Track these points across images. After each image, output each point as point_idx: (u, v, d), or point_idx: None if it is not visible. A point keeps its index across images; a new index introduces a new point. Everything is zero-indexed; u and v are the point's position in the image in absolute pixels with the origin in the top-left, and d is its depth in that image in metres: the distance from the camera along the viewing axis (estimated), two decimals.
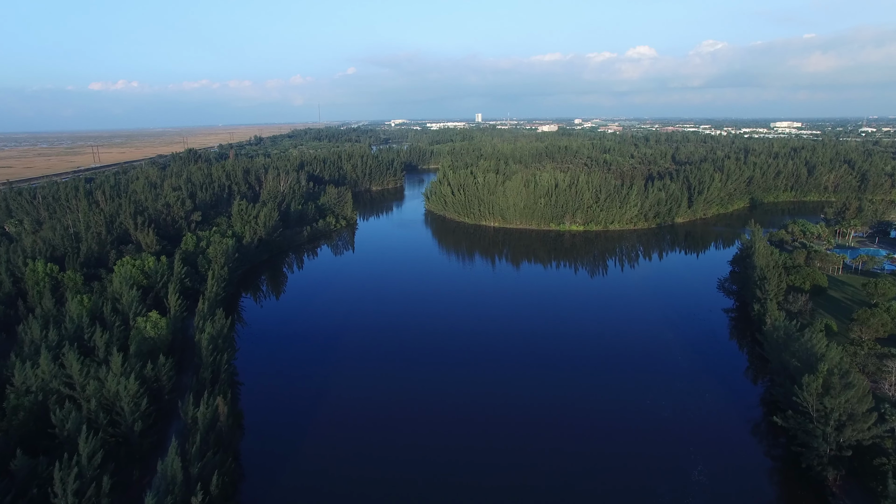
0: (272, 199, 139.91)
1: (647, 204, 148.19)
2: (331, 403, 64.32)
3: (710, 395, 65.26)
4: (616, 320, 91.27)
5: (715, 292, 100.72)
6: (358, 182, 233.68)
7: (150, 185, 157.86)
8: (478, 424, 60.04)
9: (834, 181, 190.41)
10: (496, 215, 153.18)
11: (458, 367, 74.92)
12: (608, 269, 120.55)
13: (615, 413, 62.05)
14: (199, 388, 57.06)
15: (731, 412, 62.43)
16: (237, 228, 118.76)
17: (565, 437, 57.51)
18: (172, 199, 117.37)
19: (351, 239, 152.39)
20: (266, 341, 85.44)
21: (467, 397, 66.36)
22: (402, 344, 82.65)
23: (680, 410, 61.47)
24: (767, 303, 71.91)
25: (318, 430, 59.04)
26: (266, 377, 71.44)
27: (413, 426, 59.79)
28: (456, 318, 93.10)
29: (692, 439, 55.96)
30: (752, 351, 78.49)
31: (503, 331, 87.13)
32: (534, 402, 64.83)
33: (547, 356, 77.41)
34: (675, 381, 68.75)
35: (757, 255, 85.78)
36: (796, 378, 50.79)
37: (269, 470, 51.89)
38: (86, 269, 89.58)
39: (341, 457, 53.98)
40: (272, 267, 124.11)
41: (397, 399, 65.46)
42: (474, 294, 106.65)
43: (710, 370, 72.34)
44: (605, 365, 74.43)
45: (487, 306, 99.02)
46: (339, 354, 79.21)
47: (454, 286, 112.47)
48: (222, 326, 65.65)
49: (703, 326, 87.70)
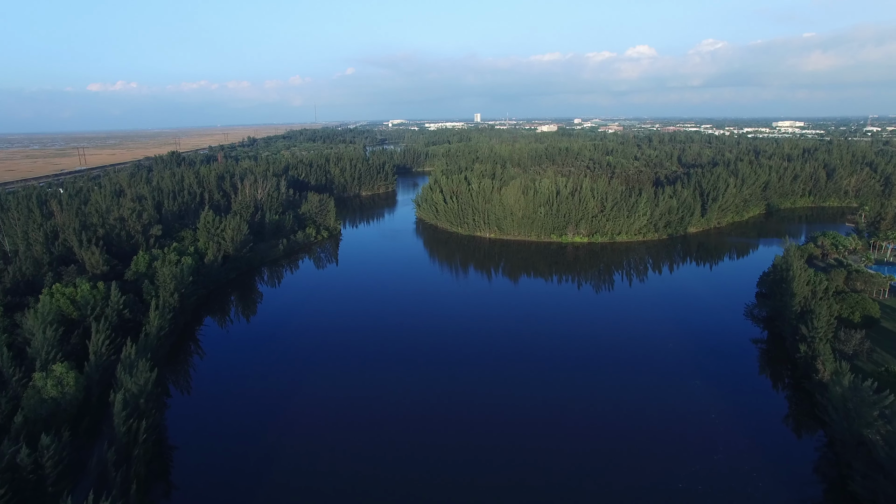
0: (245, 209, 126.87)
1: (656, 213, 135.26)
2: (303, 469, 51.20)
3: (747, 461, 52.12)
4: (627, 351, 78.17)
5: (739, 317, 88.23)
6: (347, 187, 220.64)
7: (115, 192, 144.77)
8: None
9: (855, 185, 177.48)
10: (492, 225, 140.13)
11: (451, 395, 64.49)
12: (615, 286, 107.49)
13: (630, 477, 49.25)
14: (102, 470, 44.21)
15: (778, 486, 49.30)
16: (201, 244, 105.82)
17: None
18: (127, 212, 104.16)
19: (334, 251, 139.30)
20: (228, 379, 72.61)
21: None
22: (386, 372, 71.20)
23: (712, 477, 48.54)
24: (817, 344, 59.18)
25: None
26: (218, 433, 58.36)
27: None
28: (447, 342, 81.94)
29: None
30: (792, 396, 65.71)
31: (500, 356, 76.20)
32: (536, 452, 52.19)
33: (549, 389, 64.97)
34: (698, 433, 56.02)
35: (796, 281, 72.84)
36: (888, 470, 37.79)
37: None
38: (9, 298, 76.70)
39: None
40: (242, 286, 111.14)
41: (384, 445, 53.14)
42: (466, 316, 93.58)
43: (741, 417, 59.57)
44: (615, 405, 61.85)
45: (481, 332, 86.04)
46: (312, 394, 66.70)
47: (445, 306, 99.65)
48: (146, 381, 52.53)
49: (729, 360, 74.78)
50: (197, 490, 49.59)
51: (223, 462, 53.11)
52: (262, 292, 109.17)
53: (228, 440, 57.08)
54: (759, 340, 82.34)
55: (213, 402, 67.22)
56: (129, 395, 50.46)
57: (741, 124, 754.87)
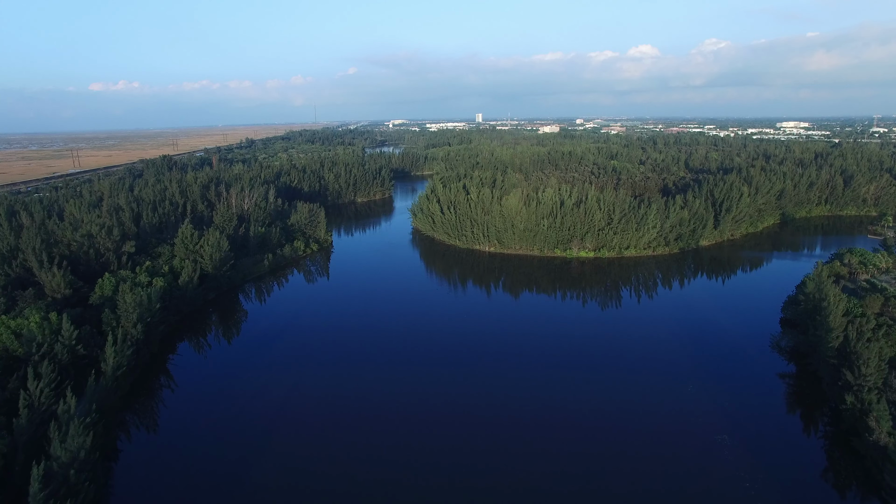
0: (228, 222, 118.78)
1: (667, 225, 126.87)
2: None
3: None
4: (638, 382, 69.87)
5: (761, 345, 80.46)
6: (342, 193, 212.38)
7: (93, 202, 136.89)
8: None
9: (874, 193, 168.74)
10: (492, 238, 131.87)
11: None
12: (623, 306, 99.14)
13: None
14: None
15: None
16: (176, 263, 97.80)
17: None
18: (95, 228, 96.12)
19: (324, 266, 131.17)
20: (202, 415, 64.93)
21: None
22: (379, 391, 65.13)
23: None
24: (866, 395, 50.99)
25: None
26: (186, 486, 50.45)
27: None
28: (443, 361, 75.23)
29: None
30: (831, 448, 57.55)
31: (497, 373, 69.98)
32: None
33: (552, 421, 56.80)
34: (723, 488, 48.05)
35: (833, 314, 64.47)
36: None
37: None
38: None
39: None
40: (223, 307, 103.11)
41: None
42: (463, 336, 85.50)
43: (774, 470, 51.51)
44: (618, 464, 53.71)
45: (478, 351, 77.85)
46: (296, 431, 58.91)
47: (442, 327, 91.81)
48: (78, 448, 44.43)
49: (754, 398, 66.74)
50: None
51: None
52: (245, 312, 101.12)
53: (197, 494, 49.48)
54: (787, 375, 74.11)
55: (183, 444, 59.51)
56: (57, 464, 42.52)
57: (744, 124, 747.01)
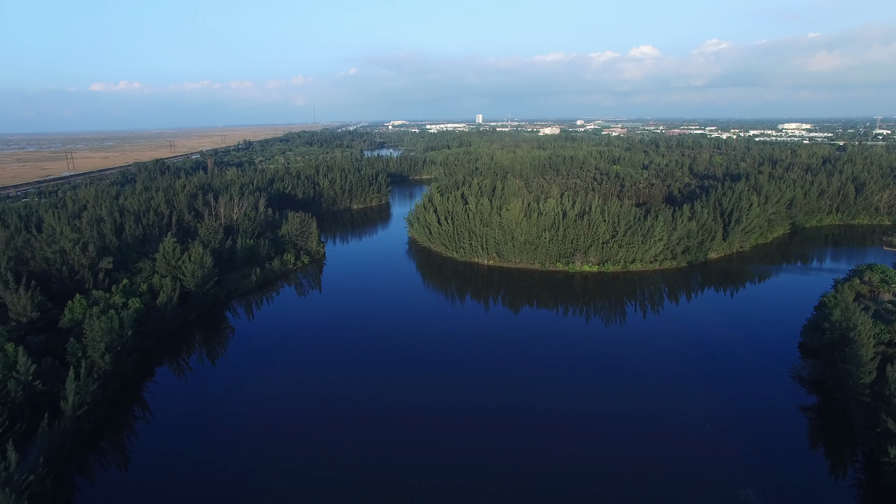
0: (214, 235, 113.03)
1: (674, 237, 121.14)
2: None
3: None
4: (640, 408, 64.37)
5: (780, 372, 75.15)
6: (337, 200, 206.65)
7: (75, 212, 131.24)
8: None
9: (888, 201, 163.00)
10: (490, 251, 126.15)
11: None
12: (629, 323, 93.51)
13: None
14: None
15: None
16: (155, 281, 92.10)
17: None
18: (69, 244, 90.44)
19: (316, 279, 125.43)
20: (179, 447, 59.80)
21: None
22: (372, 405, 60.15)
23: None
24: None
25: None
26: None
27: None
28: (441, 386, 70.08)
29: None
30: (869, 498, 52.14)
31: (495, 391, 63.08)
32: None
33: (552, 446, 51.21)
34: None
35: (865, 347, 58.77)
36: None
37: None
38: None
39: None
40: (206, 326, 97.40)
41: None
42: (459, 355, 79.86)
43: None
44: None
45: (476, 368, 72.23)
46: (285, 458, 53.10)
47: (439, 345, 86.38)
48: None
49: (775, 436, 61.00)
50: None
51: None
52: (229, 332, 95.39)
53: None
54: (809, 409, 68.41)
55: (158, 485, 54.30)
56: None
57: (745, 125, 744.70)
